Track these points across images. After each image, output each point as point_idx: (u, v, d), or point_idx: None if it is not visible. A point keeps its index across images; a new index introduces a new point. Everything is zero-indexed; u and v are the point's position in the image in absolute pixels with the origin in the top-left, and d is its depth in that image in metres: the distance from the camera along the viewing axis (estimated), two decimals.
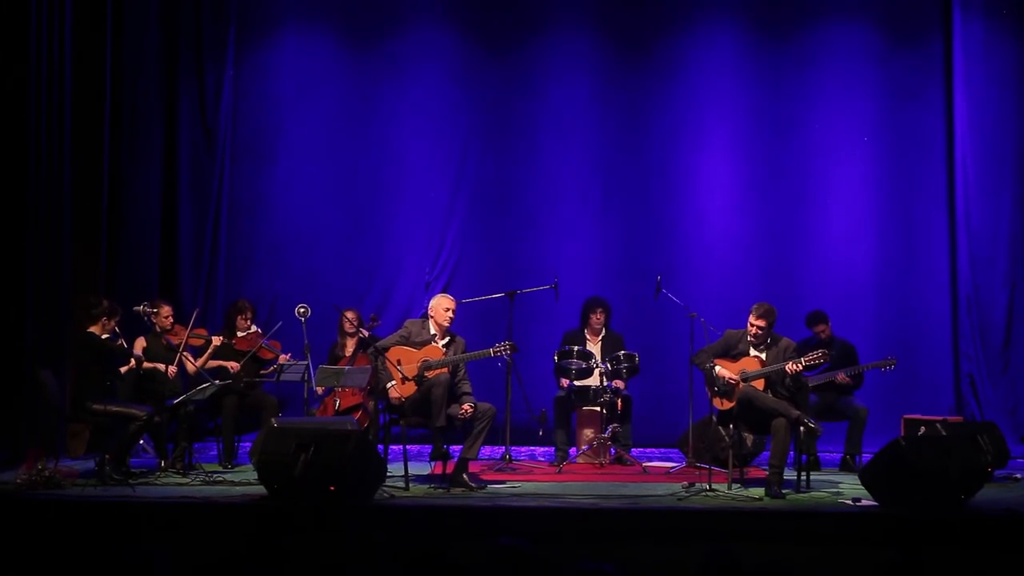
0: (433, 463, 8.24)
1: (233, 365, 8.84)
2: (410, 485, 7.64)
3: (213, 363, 8.85)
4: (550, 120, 10.76)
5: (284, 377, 8.76)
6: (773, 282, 10.36)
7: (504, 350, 8.17)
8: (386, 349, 8.06)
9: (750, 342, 8.02)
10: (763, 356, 7.97)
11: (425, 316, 8.32)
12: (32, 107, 8.69)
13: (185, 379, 8.70)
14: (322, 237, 10.74)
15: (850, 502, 7.27)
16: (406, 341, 8.13)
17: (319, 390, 8.96)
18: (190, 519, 6.78)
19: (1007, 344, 10.54)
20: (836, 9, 10.77)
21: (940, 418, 8.78)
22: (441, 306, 8.16)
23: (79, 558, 5.26)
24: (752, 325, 7.98)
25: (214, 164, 10.46)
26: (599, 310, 9.39)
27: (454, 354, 8.09)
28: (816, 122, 10.71)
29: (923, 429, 8.33)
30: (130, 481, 7.61)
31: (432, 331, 8.15)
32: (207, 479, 7.85)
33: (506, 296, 9.37)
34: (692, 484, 7.78)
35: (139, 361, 8.23)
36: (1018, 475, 8.51)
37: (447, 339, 8.17)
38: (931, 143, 10.67)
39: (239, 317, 9.08)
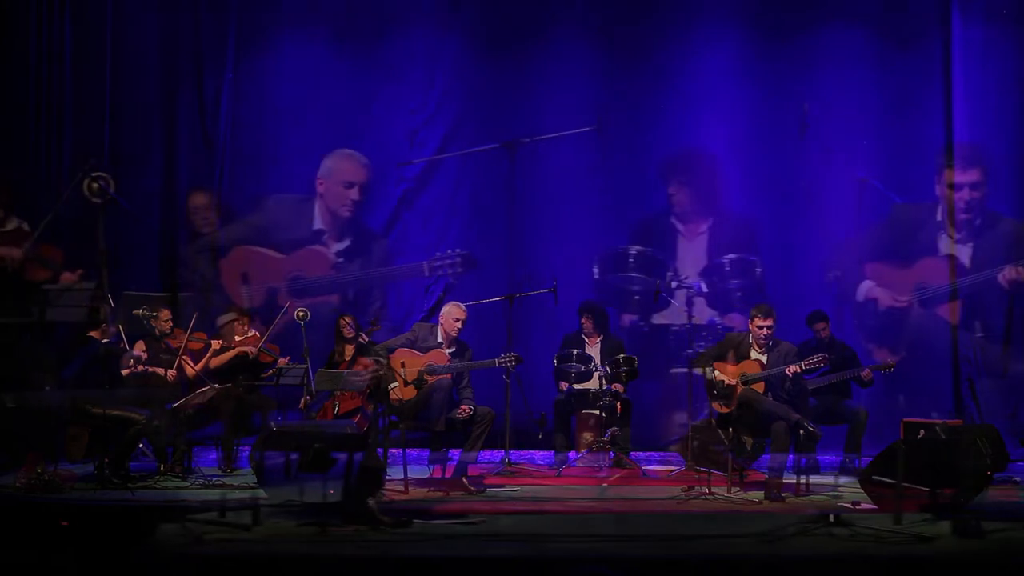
0: (432, 466, 8.24)
1: (251, 350, 8.84)
2: (409, 488, 7.63)
3: (230, 354, 8.83)
4: (550, 123, 10.74)
5: (283, 381, 8.75)
6: (773, 283, 10.34)
7: (508, 361, 8.18)
8: (392, 351, 8.07)
9: (752, 345, 8.00)
10: (763, 359, 7.96)
11: (429, 319, 8.33)
12: (32, 108, 8.69)
13: (184, 383, 8.69)
14: None
15: (850, 505, 7.26)
16: (412, 344, 8.14)
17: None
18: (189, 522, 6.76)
19: (1006, 347, 10.53)
20: (836, 13, 10.74)
21: (940, 421, 8.77)
22: (452, 315, 8.19)
23: (78, 561, 5.26)
24: (760, 327, 7.96)
25: (213, 168, 10.46)
26: (586, 315, 9.38)
27: (460, 362, 8.10)
28: (816, 125, 10.70)
29: (922, 432, 8.31)
30: (129, 485, 7.60)
31: (439, 338, 8.17)
32: (206, 482, 7.85)
33: (505, 299, 9.36)
34: (692, 487, 7.77)
35: (139, 360, 8.22)
36: (1017, 478, 8.51)
37: (454, 347, 8.18)
38: (930, 145, 10.66)
39: (236, 323, 9.06)
